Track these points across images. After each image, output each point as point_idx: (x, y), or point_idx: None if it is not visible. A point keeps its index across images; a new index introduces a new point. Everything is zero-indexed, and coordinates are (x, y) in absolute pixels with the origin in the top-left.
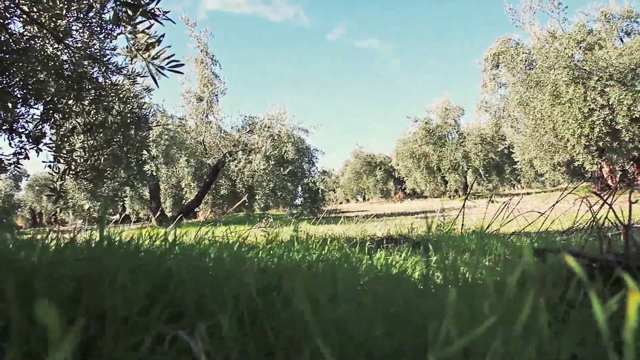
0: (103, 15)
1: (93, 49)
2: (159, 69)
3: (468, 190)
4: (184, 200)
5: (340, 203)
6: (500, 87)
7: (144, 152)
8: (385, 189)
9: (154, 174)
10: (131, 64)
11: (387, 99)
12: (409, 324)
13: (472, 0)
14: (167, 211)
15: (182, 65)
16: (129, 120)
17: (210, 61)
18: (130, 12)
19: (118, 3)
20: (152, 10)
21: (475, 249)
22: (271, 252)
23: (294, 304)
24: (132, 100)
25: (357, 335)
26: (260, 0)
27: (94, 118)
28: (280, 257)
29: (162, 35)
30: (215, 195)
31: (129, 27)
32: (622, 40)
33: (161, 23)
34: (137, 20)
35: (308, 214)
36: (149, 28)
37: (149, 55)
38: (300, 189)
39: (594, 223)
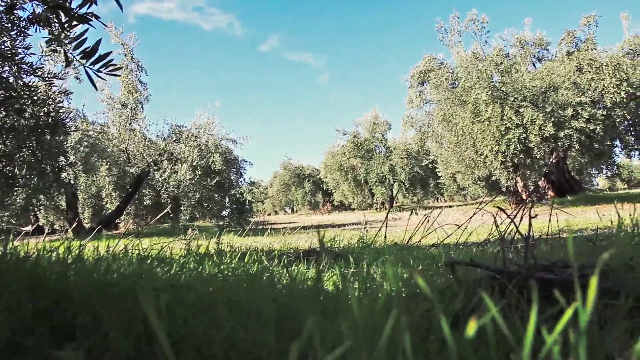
0: (16, 13)
1: (3, 47)
2: (97, 73)
3: (393, 203)
4: (104, 211)
5: (269, 214)
6: (426, 103)
7: (61, 158)
8: (313, 201)
9: (72, 182)
10: (66, 67)
11: (318, 112)
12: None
13: (401, 19)
14: (85, 222)
15: (120, 68)
16: (43, 124)
17: (135, 67)
18: (62, 17)
19: (46, 6)
20: (85, 15)
21: (394, 261)
22: (185, 265)
23: (196, 319)
24: (48, 103)
25: (251, 352)
26: (193, 8)
27: (3, 121)
28: (192, 271)
29: (99, 40)
30: (139, 205)
31: (59, 30)
32: (534, 65)
33: (94, 27)
34: (73, 24)
35: (235, 225)
36: (85, 32)
37: (86, 61)
38: (227, 200)
39: (500, 237)
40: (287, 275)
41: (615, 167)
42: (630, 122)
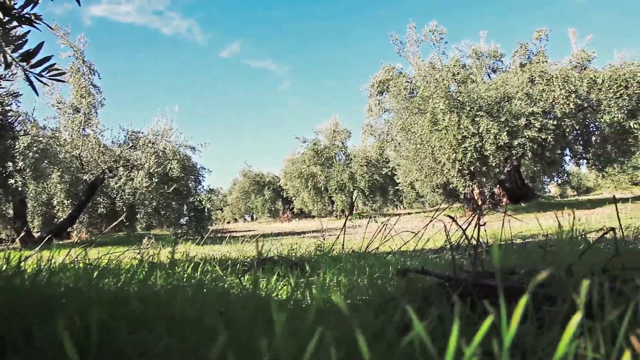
0: None
1: None
2: (38, 77)
3: (352, 210)
4: (55, 220)
5: (228, 222)
6: (385, 112)
7: (9, 163)
8: (273, 209)
9: (20, 189)
10: (5, 69)
11: (278, 119)
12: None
13: (363, 28)
14: (34, 231)
15: (64, 73)
16: None
17: (87, 70)
18: (1, 16)
19: None
20: (28, 15)
21: (350, 269)
22: (135, 276)
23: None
24: None
25: None
26: (152, 11)
27: None
28: (142, 282)
29: (42, 43)
30: (92, 213)
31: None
32: (489, 76)
33: (38, 29)
34: (12, 25)
35: (193, 233)
36: (26, 34)
37: (27, 64)
38: (185, 207)
39: (451, 245)
40: (240, 285)
41: (566, 175)
42: (579, 132)
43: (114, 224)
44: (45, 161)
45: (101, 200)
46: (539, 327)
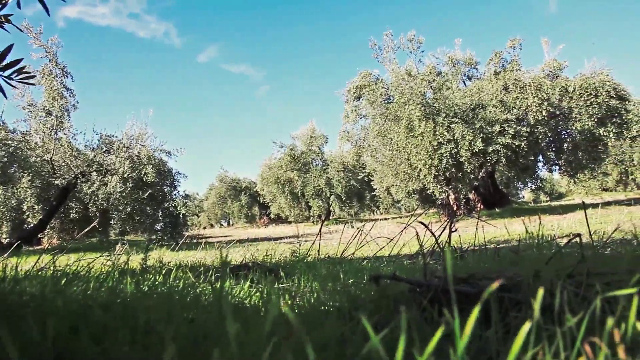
0: None
1: None
2: (7, 80)
3: (329, 216)
4: (25, 225)
5: (204, 228)
6: (361, 118)
7: None
8: (250, 214)
9: None
10: None
11: (255, 125)
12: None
13: (340, 34)
14: (3, 237)
15: (34, 76)
16: None
17: (60, 72)
18: None
19: None
20: None
21: (325, 275)
22: (104, 284)
23: (103, 342)
24: None
25: None
26: (128, 14)
27: None
28: (111, 289)
29: (11, 45)
30: (64, 219)
31: None
32: (465, 83)
33: (7, 31)
34: None
35: (169, 239)
36: None
37: None
38: (160, 213)
39: (422, 251)
40: (212, 292)
41: (539, 181)
42: (551, 139)
43: (86, 229)
44: (15, 165)
45: (73, 205)
46: (506, 332)
